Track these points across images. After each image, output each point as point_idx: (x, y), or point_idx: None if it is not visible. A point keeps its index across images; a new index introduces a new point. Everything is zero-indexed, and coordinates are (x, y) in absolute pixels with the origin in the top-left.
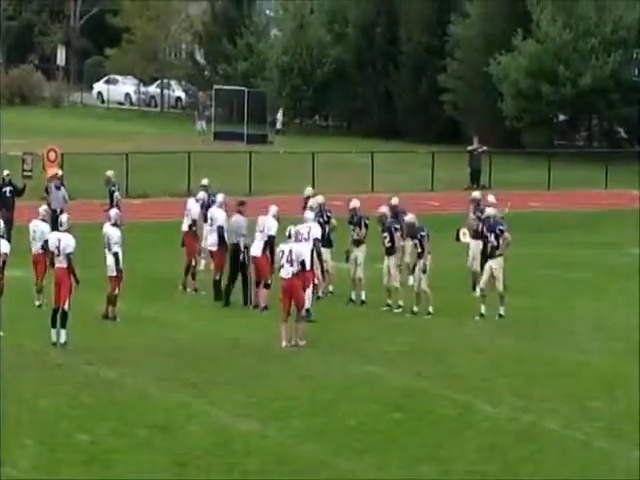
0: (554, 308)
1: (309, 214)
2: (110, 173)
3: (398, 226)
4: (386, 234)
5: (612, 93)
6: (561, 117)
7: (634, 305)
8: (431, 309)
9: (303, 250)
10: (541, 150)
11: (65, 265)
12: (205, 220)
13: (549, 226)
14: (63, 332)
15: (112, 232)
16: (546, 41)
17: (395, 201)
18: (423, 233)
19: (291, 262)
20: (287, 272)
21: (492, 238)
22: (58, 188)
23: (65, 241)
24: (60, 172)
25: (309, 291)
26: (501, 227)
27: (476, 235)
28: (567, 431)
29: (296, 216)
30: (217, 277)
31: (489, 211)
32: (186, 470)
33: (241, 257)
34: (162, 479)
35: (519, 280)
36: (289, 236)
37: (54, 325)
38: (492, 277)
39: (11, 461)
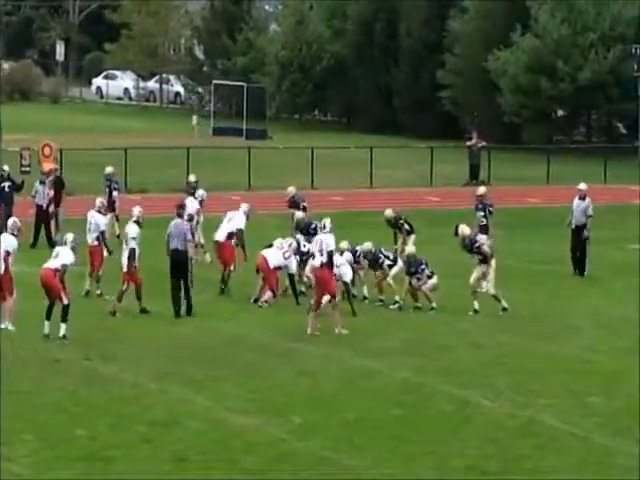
0: (554, 304)
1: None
2: (110, 170)
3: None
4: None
5: (611, 88)
6: (560, 112)
7: (634, 301)
8: (434, 304)
9: (332, 243)
10: (540, 145)
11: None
12: None
13: (548, 221)
14: (63, 326)
15: (129, 228)
16: (545, 36)
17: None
18: (423, 266)
19: (321, 251)
20: (318, 261)
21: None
22: (43, 183)
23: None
24: (56, 167)
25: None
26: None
27: (482, 231)
28: (567, 427)
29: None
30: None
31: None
32: (186, 466)
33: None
34: (161, 475)
35: (519, 276)
36: (324, 227)
37: (48, 318)
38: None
39: (11, 457)
